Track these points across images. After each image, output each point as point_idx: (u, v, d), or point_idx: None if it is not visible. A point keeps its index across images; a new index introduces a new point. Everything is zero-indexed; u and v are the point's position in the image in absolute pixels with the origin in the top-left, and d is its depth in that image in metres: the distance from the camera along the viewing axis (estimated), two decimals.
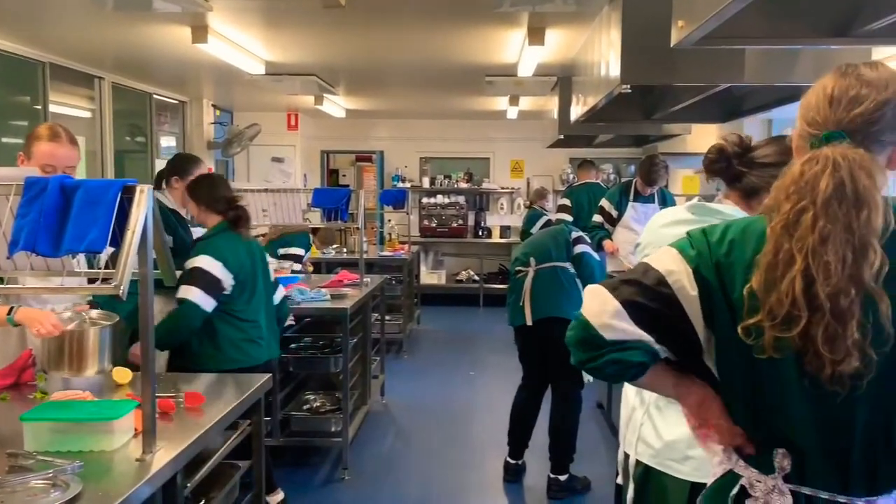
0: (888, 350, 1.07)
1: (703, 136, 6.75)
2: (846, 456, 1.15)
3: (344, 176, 11.12)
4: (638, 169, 5.73)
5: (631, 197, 5.57)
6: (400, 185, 10.15)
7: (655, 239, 1.89)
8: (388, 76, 6.93)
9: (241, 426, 2.60)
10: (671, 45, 2.58)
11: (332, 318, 4.51)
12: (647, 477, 1.88)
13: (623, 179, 7.97)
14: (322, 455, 4.49)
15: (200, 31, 4.70)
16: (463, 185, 10.51)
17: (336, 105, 8.64)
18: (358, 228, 5.24)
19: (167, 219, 3.45)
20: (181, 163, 3.82)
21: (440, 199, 10.40)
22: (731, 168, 1.77)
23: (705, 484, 1.72)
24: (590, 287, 1.32)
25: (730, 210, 1.76)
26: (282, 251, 5.62)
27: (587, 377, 3.92)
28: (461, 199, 10.42)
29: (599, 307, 1.26)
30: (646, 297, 1.24)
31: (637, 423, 1.92)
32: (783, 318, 1.10)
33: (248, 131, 8.34)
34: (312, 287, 4.61)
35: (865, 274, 1.06)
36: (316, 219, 5.83)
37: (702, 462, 1.74)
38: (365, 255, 5.54)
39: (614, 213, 5.58)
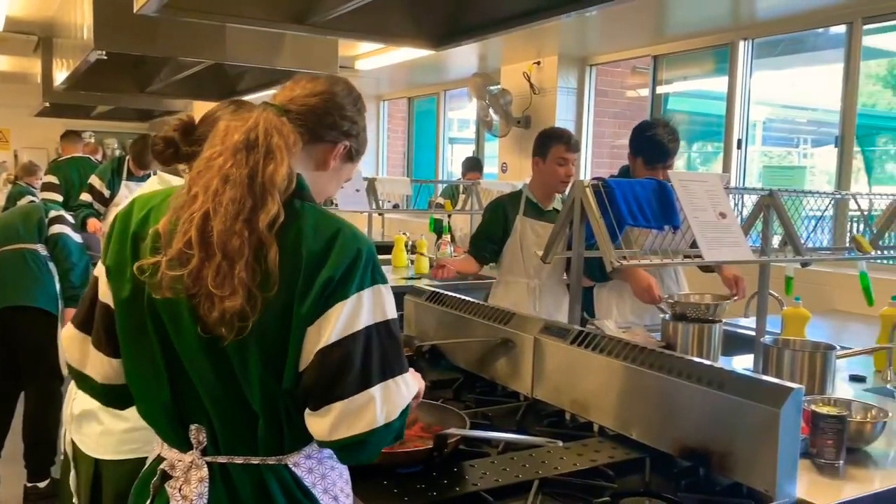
0: (272, 295, 1.11)
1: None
2: (253, 420, 1.18)
3: None
4: (130, 148, 5.36)
5: (124, 176, 5.20)
6: None
7: None
8: None
9: None
10: (134, 12, 2.44)
11: None
12: (75, 456, 1.89)
13: (117, 154, 7.45)
14: None
15: None
16: None
17: None
18: None
19: None
20: None
21: None
22: (181, 150, 1.74)
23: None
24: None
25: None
26: None
27: (66, 370, 3.55)
28: None
29: None
30: (90, 310, 1.30)
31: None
32: (178, 255, 1.13)
33: None
34: None
35: (261, 221, 1.11)
36: None
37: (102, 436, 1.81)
38: None
39: (106, 193, 5.12)
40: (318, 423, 1.15)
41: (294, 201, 1.18)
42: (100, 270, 1.28)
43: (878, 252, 2.56)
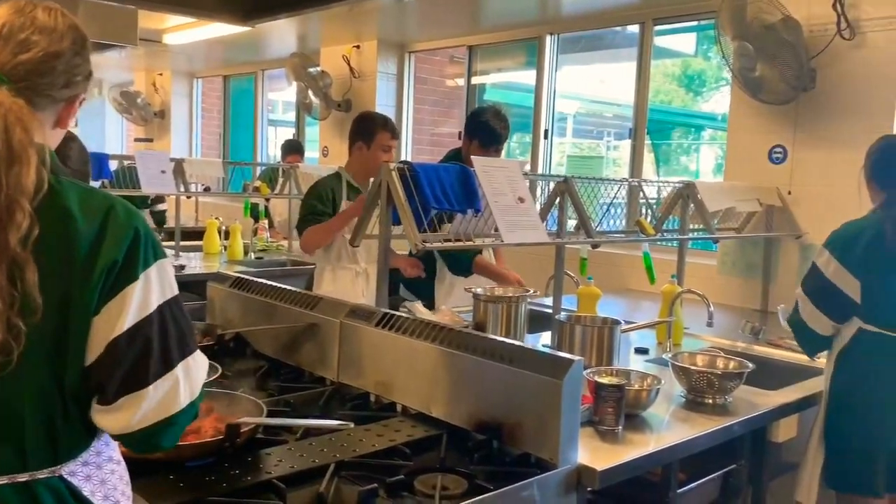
0: (38, 320, 0.99)
1: None
2: (19, 434, 1.04)
3: None
4: None
5: None
6: None
7: None
8: None
9: None
10: None
11: None
12: None
13: None
14: None
15: None
16: None
17: None
18: None
19: None
20: None
21: None
22: None
23: None
24: None
25: None
26: None
27: None
28: None
29: None
30: None
31: None
32: None
33: None
34: None
35: (12, 239, 0.96)
36: None
37: None
38: None
39: None
40: (120, 416, 1.06)
41: (49, 178, 1.03)
42: None
43: (660, 234, 2.80)
